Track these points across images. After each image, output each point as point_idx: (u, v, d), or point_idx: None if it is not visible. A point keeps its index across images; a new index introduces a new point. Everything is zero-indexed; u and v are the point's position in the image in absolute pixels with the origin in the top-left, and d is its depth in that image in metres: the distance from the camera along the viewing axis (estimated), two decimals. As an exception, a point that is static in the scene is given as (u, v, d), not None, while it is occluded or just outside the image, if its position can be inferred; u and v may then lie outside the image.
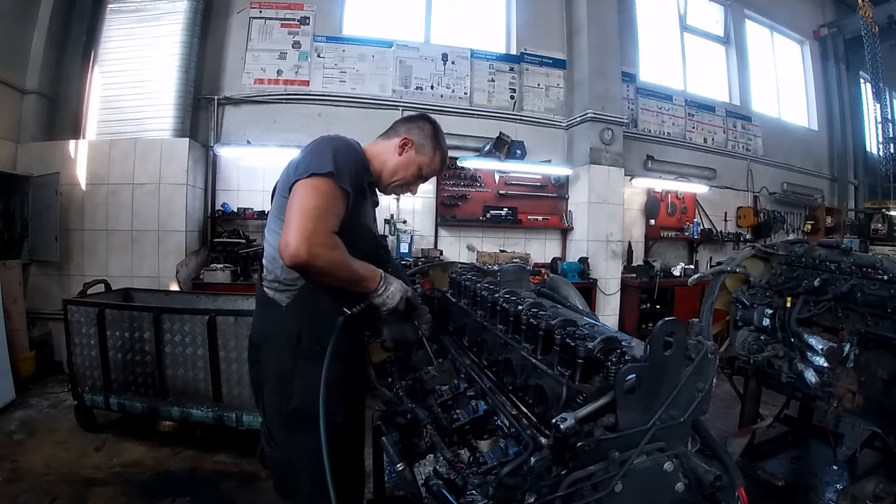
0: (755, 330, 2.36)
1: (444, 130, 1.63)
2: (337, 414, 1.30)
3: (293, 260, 1.15)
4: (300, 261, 1.15)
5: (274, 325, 1.37)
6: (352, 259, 1.25)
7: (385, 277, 1.33)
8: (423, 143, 1.53)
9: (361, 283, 1.29)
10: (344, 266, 1.23)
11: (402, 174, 1.52)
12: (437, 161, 1.57)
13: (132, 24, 4.48)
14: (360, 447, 1.60)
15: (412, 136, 1.52)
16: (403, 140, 1.51)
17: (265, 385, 1.38)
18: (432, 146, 1.54)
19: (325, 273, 1.22)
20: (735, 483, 0.91)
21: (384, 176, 1.52)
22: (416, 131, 1.53)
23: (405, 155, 1.51)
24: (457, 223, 5.15)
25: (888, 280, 2.01)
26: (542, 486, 0.81)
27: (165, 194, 4.23)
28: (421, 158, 1.53)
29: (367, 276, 1.29)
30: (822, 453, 2.71)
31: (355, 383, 1.49)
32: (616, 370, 0.85)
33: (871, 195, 8.24)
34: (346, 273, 1.24)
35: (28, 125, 4.27)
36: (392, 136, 1.54)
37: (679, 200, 6.15)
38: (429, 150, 1.53)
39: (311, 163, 1.26)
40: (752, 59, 7.21)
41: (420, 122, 1.56)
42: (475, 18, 5.61)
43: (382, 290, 1.31)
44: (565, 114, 5.56)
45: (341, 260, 1.22)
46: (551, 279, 1.75)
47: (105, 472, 2.61)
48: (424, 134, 1.53)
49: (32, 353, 3.87)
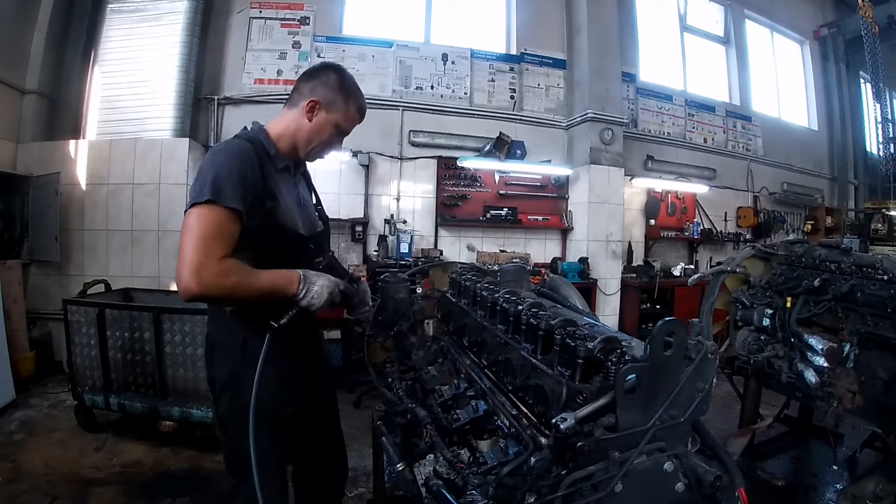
0: (755, 330, 2.35)
1: (444, 130, 1.61)
2: (285, 406, 1.37)
3: (186, 294, 1.16)
4: (192, 294, 1.15)
5: (221, 330, 1.40)
6: (254, 276, 1.22)
7: (304, 279, 1.27)
8: (333, 99, 1.42)
9: (276, 293, 1.25)
10: (242, 287, 1.20)
11: (318, 138, 1.44)
12: (353, 112, 1.46)
13: (132, 24, 4.47)
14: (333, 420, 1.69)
15: (317, 95, 1.41)
16: (310, 103, 1.40)
17: (217, 383, 1.40)
18: (343, 98, 1.43)
19: (223, 299, 1.24)
20: (735, 483, 0.91)
21: (300, 147, 1.44)
22: (320, 88, 1.41)
23: (316, 118, 1.41)
24: (457, 223, 5.15)
25: (888, 280, 2.01)
26: (542, 486, 0.82)
27: (165, 194, 4.23)
28: (334, 116, 1.43)
29: (279, 284, 1.25)
30: (822, 453, 2.71)
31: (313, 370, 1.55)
32: (616, 370, 0.85)
33: (871, 195, 8.24)
34: (247, 293, 1.21)
35: (28, 125, 4.27)
36: (297, 101, 1.43)
37: (679, 200, 6.15)
38: (340, 105, 1.43)
39: (192, 192, 1.23)
40: (752, 59, 7.20)
41: (323, 76, 1.43)
42: (475, 18, 5.61)
43: (303, 292, 1.26)
44: (565, 114, 5.56)
45: (236, 283, 1.19)
46: (551, 279, 1.75)
47: (105, 472, 2.61)
48: (331, 88, 1.42)
49: (32, 353, 3.87)
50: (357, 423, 1.98)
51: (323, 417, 1.64)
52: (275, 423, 1.32)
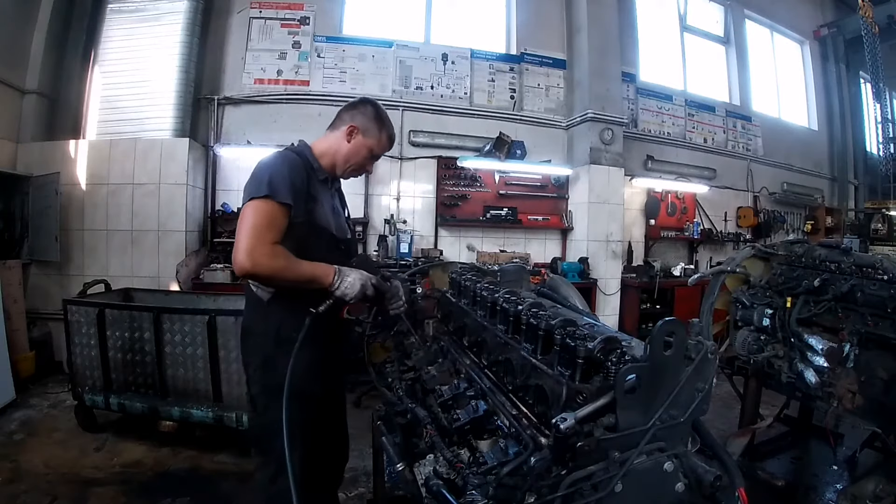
0: (755, 330, 2.35)
1: (444, 130, 1.69)
2: (313, 387, 1.54)
3: (240, 270, 1.37)
4: (245, 270, 1.36)
5: (258, 317, 1.58)
6: (298, 263, 1.41)
7: (339, 272, 1.45)
8: (369, 127, 1.66)
9: (313, 281, 1.43)
10: (288, 271, 1.39)
11: (355, 159, 1.67)
12: (384, 140, 1.70)
13: (132, 24, 4.48)
14: (342, 408, 1.87)
15: (357, 122, 1.65)
16: (350, 128, 1.64)
17: (251, 365, 1.59)
18: (377, 127, 1.67)
19: (270, 278, 1.42)
20: (735, 483, 0.91)
21: (338, 165, 1.67)
22: (359, 117, 1.66)
23: (353, 141, 1.65)
24: (457, 223, 5.15)
25: (888, 280, 2.01)
26: (542, 486, 0.82)
27: (165, 194, 4.23)
28: (369, 141, 1.67)
29: (318, 274, 1.44)
30: (822, 453, 2.71)
31: (333, 358, 1.71)
32: (616, 370, 0.85)
33: (871, 195, 8.24)
34: (291, 276, 1.40)
35: (28, 125, 4.27)
36: (339, 126, 1.67)
37: (679, 200, 6.15)
38: (375, 132, 1.67)
39: (249, 189, 1.45)
40: (752, 59, 7.20)
41: (362, 108, 1.69)
42: (475, 18, 5.61)
43: (338, 283, 1.44)
44: (565, 114, 5.56)
45: (283, 266, 1.39)
46: (551, 279, 1.76)
47: (105, 472, 2.60)
48: (368, 117, 1.66)
49: (32, 353, 3.87)
50: (357, 423, 1.97)
51: (336, 403, 1.80)
52: (303, 400, 1.46)
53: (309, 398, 1.51)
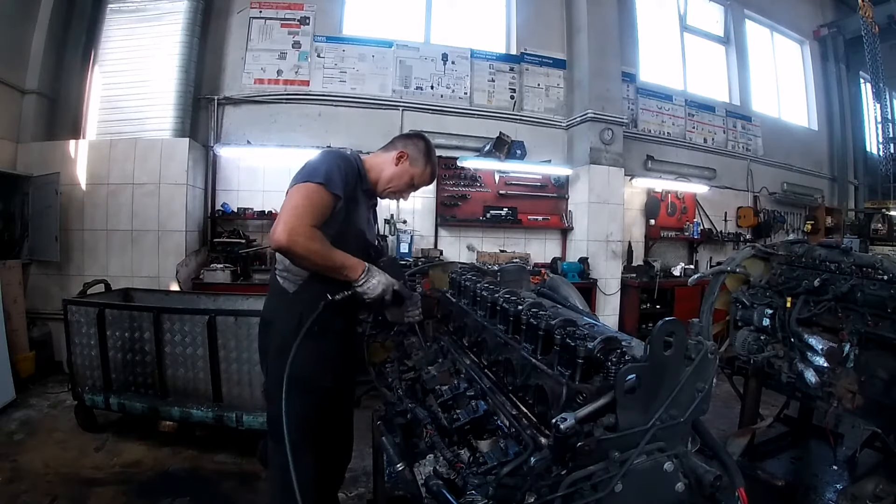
0: (755, 330, 2.35)
1: (444, 130, 1.73)
2: (325, 380, 1.60)
3: (276, 244, 1.41)
4: (281, 245, 1.40)
5: (281, 307, 1.64)
6: (332, 250, 1.47)
7: (368, 270, 1.52)
8: (417, 157, 1.78)
9: (342, 271, 1.49)
10: (320, 254, 1.44)
11: (397, 182, 1.77)
12: (427, 173, 1.81)
13: (132, 24, 4.48)
14: (351, 404, 1.94)
15: (408, 150, 1.77)
16: (400, 153, 1.76)
17: (270, 353, 1.62)
18: (424, 160, 1.79)
19: (303, 257, 1.45)
20: (735, 483, 0.90)
21: (381, 182, 1.77)
22: (411, 147, 1.78)
23: (401, 166, 1.76)
24: (457, 223, 5.15)
25: (888, 280, 2.01)
26: (542, 486, 0.82)
27: (165, 194, 4.23)
28: (414, 170, 1.78)
29: (348, 265, 1.50)
30: (822, 453, 2.70)
31: (348, 356, 1.76)
32: (616, 370, 0.85)
33: (871, 195, 8.24)
34: (322, 260, 1.45)
35: (28, 125, 4.27)
36: (391, 149, 1.79)
37: (679, 200, 6.15)
38: (421, 164, 1.78)
39: (307, 171, 1.52)
40: (752, 59, 7.20)
41: (416, 140, 1.82)
42: (475, 18, 5.61)
43: (364, 280, 1.50)
44: (565, 114, 5.56)
45: (318, 249, 1.43)
46: (551, 279, 1.76)
47: (105, 472, 2.61)
48: (419, 150, 1.78)
49: (32, 353, 3.87)
50: (357, 423, 1.98)
51: (346, 401, 1.85)
52: (315, 393, 1.55)
53: (320, 390, 1.57)
